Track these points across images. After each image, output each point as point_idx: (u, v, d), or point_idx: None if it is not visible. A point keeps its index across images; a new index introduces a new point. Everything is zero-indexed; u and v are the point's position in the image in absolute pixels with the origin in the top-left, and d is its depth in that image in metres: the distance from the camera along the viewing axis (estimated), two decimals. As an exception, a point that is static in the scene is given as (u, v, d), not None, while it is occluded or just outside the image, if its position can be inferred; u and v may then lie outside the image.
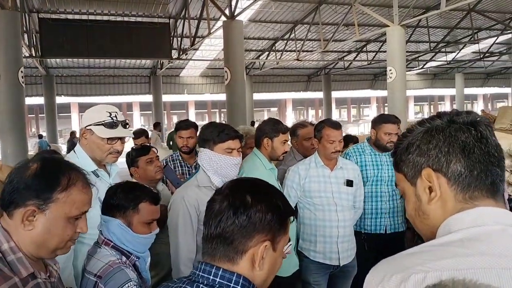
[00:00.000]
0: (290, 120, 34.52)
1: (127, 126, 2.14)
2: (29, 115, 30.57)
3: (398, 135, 3.26)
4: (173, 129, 5.78)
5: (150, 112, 21.27)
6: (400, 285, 0.81)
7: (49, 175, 1.20)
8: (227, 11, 10.11)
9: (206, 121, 34.31)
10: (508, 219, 0.86)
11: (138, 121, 33.21)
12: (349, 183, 2.97)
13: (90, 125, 2.05)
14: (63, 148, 17.15)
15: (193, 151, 3.53)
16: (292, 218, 1.13)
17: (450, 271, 0.78)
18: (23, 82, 8.51)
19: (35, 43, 13.05)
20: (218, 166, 2.21)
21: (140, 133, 5.32)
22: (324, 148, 2.89)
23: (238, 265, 1.03)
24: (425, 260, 0.82)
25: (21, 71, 8.40)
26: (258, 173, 2.64)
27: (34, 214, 1.17)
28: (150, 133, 13.33)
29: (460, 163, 0.87)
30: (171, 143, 8.66)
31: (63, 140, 22.98)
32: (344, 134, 4.36)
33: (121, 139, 2.11)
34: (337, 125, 2.92)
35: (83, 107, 28.41)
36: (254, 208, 1.03)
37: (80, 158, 2.05)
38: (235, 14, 9.95)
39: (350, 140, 4.40)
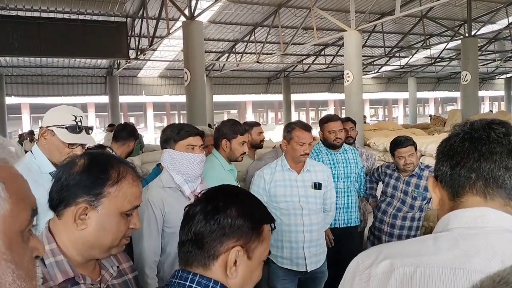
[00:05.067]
0: (250, 122, 34.56)
1: (91, 131, 2.07)
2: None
3: (344, 131, 3.57)
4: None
5: (106, 113, 20.68)
6: (388, 274, 0.83)
7: (98, 169, 1.14)
8: (186, 12, 10.01)
9: (165, 123, 33.82)
10: (510, 224, 0.85)
11: (93, 123, 32.22)
12: (317, 186, 2.87)
13: (53, 126, 1.96)
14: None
15: None
16: (272, 225, 1.12)
17: (440, 268, 0.80)
18: (-32, 81, 8.05)
19: (-18, 40, 12.37)
20: (181, 165, 2.17)
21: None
22: (293, 150, 2.80)
23: (211, 270, 1.03)
24: (418, 253, 0.84)
25: (-33, 69, 7.95)
26: (216, 173, 2.64)
27: (86, 211, 1.12)
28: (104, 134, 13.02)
29: (446, 164, 0.92)
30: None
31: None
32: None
33: (82, 145, 2.03)
34: (308, 127, 2.84)
35: (35, 108, 27.24)
36: (224, 212, 1.04)
37: (37, 158, 1.96)
38: (195, 14, 9.87)
39: None
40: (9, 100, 18.81)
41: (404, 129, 14.19)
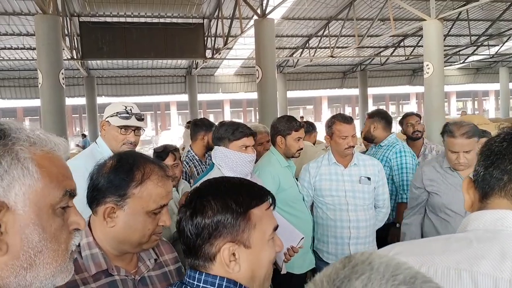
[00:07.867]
0: (326, 117, 34.10)
1: (142, 119, 2.27)
2: (73, 115, 31.86)
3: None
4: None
5: (187, 111, 21.68)
6: None
7: (123, 170, 1.18)
8: (258, 10, 10.14)
9: (242, 119, 34.50)
10: None
11: (175, 120, 33.90)
12: (365, 180, 2.78)
13: (108, 117, 2.21)
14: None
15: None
16: (270, 200, 1.05)
17: (444, 268, 0.78)
18: (63, 83, 8.87)
19: (76, 46, 13.58)
20: (234, 163, 2.26)
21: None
22: (336, 145, 2.77)
23: (213, 271, 1.01)
24: (427, 251, 0.84)
25: (62, 73, 8.76)
26: (271, 169, 2.67)
27: (113, 211, 1.17)
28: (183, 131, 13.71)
29: (481, 164, 0.89)
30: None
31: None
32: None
33: (135, 132, 2.23)
34: (348, 120, 2.80)
35: (123, 107, 29.30)
36: (200, 214, 0.99)
37: (101, 147, 2.21)
38: (266, 12, 9.97)
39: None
40: (100, 100, 20.40)
41: (491, 124, 13.11)
